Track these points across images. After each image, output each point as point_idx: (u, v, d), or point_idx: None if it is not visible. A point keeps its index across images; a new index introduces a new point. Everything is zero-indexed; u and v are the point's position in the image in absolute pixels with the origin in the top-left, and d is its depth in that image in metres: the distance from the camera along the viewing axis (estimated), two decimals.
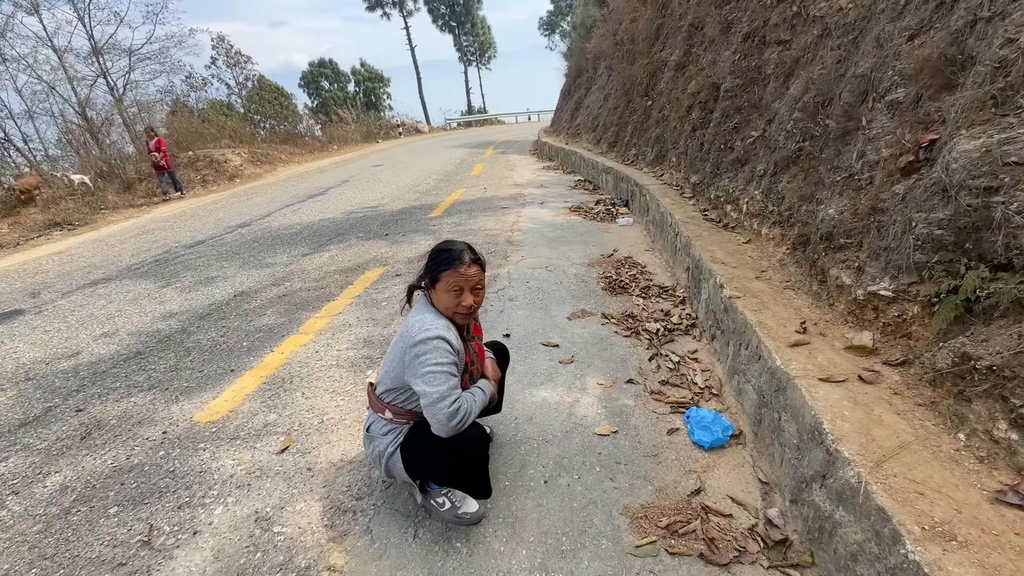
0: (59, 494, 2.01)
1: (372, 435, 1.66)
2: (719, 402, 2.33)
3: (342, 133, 25.04)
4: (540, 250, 4.72)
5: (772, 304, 2.34)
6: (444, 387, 1.45)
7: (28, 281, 5.71)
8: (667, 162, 5.78)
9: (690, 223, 3.77)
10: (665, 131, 6.08)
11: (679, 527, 1.67)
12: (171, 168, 12.07)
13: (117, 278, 5.29)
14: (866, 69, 2.46)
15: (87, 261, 6.34)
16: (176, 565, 1.62)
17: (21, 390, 2.95)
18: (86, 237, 8.38)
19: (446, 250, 1.59)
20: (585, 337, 2.98)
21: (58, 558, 1.69)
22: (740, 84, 4.11)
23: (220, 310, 3.91)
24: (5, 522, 1.89)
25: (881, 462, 1.35)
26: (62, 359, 3.33)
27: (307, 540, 1.66)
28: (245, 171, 15.40)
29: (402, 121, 29.99)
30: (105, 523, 1.83)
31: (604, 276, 3.92)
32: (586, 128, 11.34)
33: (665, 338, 2.91)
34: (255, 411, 2.46)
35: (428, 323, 1.52)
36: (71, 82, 22.79)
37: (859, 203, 2.18)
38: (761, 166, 3.35)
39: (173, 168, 12.25)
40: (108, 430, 2.43)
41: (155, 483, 2.02)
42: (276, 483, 1.95)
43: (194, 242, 6.65)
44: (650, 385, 2.48)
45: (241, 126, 23.29)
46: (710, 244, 3.26)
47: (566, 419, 2.24)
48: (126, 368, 3.08)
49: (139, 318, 3.94)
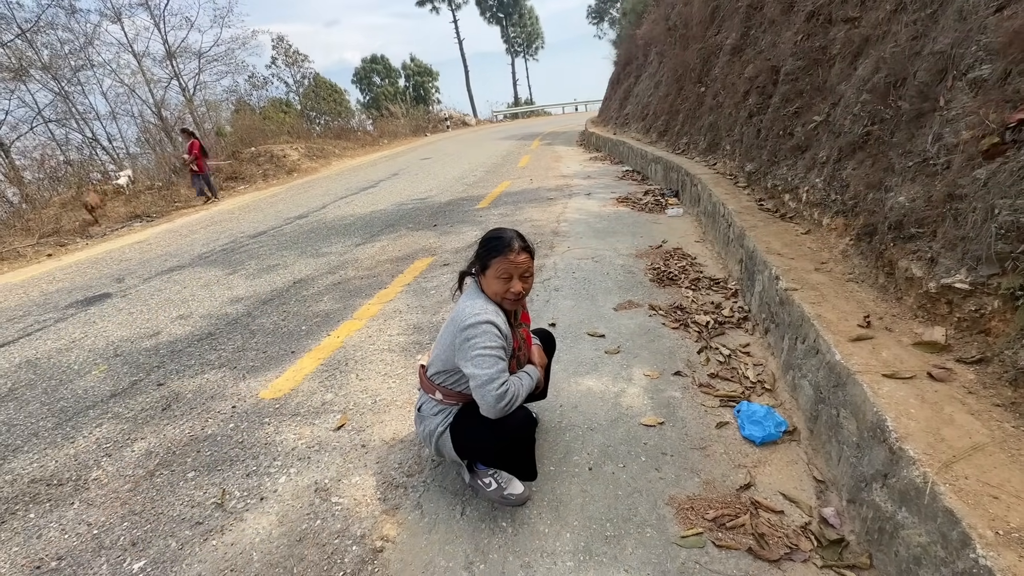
0: (145, 458, 2.23)
1: (423, 415, 1.73)
2: (772, 397, 2.25)
3: (392, 127, 25.71)
4: (587, 241, 4.69)
5: (832, 297, 2.23)
6: (493, 370, 1.50)
7: (114, 268, 6.26)
8: (720, 150, 5.57)
9: (744, 213, 3.64)
10: (719, 118, 5.86)
11: (727, 520, 1.64)
12: (204, 171, 11.67)
13: (190, 265, 5.71)
14: (945, 45, 2.28)
15: (163, 250, 6.87)
16: (246, 526, 1.76)
17: (111, 365, 3.26)
18: (162, 228, 9.07)
19: (496, 237, 1.63)
20: (632, 328, 2.95)
21: (145, 514, 1.88)
22: (802, 66, 3.90)
23: (281, 296, 4.15)
24: (101, 480, 2.12)
25: (951, 463, 1.28)
26: (144, 338, 3.65)
27: (362, 511, 1.76)
28: (302, 165, 16.13)
29: (450, 114, 30.37)
30: (184, 486, 2.01)
31: (652, 267, 3.86)
32: (635, 117, 11.08)
33: (715, 331, 2.84)
34: (314, 390, 2.61)
35: (478, 308, 1.57)
36: (148, 84, 24.59)
37: (934, 190, 2.04)
38: (824, 152, 3.18)
39: (207, 171, 11.87)
40: (185, 403, 2.66)
41: (226, 452, 2.19)
42: (333, 457, 2.07)
43: (257, 232, 7.05)
44: (699, 378, 2.43)
45: (298, 122, 24.39)
46: (765, 235, 3.13)
47: (611, 408, 2.24)
48: (200, 348, 3.34)
49: (210, 302, 4.24)
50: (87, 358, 3.42)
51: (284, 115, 26.84)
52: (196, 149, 11.26)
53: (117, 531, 1.82)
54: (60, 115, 22.99)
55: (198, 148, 11.32)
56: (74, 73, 22.72)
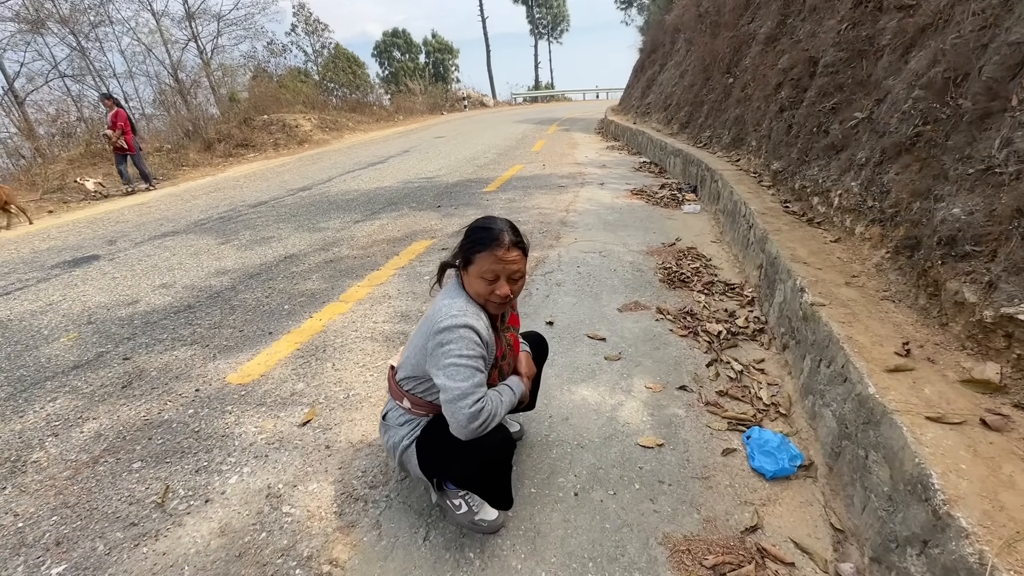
0: (92, 441, 2.04)
1: (388, 424, 1.52)
2: (787, 424, 2.01)
3: (409, 104, 25.28)
4: (595, 233, 4.42)
5: (865, 316, 1.97)
6: (467, 383, 1.27)
7: (109, 229, 6.09)
8: (745, 146, 5.24)
9: (768, 215, 3.35)
10: (746, 112, 5.51)
11: (728, 570, 1.42)
12: (134, 150, 8.97)
13: (184, 232, 5.52)
14: (1021, 36, 1.97)
15: (161, 214, 6.69)
16: (183, 533, 1.56)
17: (82, 333, 3.08)
18: (166, 191, 8.90)
19: (484, 228, 1.39)
20: (636, 333, 2.71)
21: (79, 508, 1.69)
22: (844, 58, 3.57)
23: (269, 271, 3.94)
24: (41, 464, 1.93)
25: (1014, 542, 1.04)
26: (122, 306, 3.46)
27: (314, 526, 1.56)
28: (314, 136, 15.86)
29: (468, 94, 29.83)
30: (127, 477, 1.82)
31: (663, 266, 3.59)
32: (657, 107, 10.67)
33: (727, 342, 2.59)
34: (285, 378, 2.41)
35: (456, 309, 1.33)
36: (166, 45, 24.29)
37: (998, 202, 1.76)
38: (863, 153, 2.88)
39: (138, 152, 9.09)
40: (147, 381, 2.47)
41: (179, 442, 2.00)
42: (293, 458, 1.87)
43: (257, 202, 6.84)
44: (706, 395, 2.20)
45: (315, 93, 24.02)
46: (790, 240, 2.86)
47: (606, 424, 2.01)
48: (175, 321, 3.15)
49: (196, 272, 4.05)
50: (59, 323, 3.25)
51: (302, 84, 26.44)
52: (123, 121, 8.82)
53: (44, 526, 1.63)
54: (77, 71, 22.82)
55: (125, 120, 8.87)
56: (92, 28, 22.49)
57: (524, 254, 1.40)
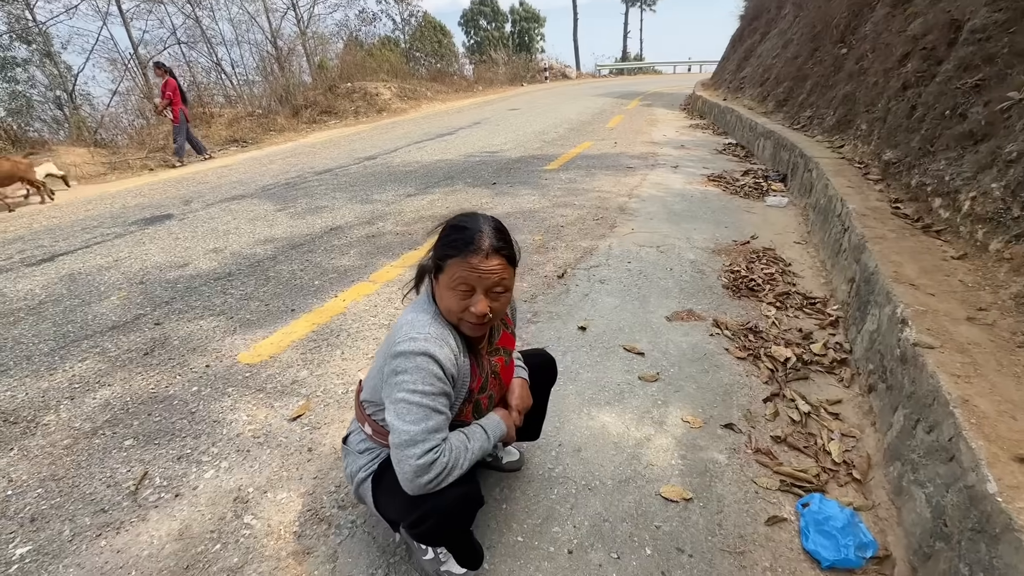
0: (99, 410, 2.04)
1: (348, 448, 1.31)
2: (860, 494, 1.57)
3: (489, 74, 24.94)
4: (657, 224, 3.95)
5: (992, 371, 1.47)
6: (417, 428, 1.01)
7: (190, 189, 6.45)
8: (852, 130, 4.43)
9: (870, 216, 2.74)
10: (858, 88, 4.65)
11: None
12: (177, 121, 8.61)
13: (251, 196, 5.70)
14: None
15: (238, 177, 6.99)
16: (143, 531, 1.47)
17: (131, 293, 3.20)
18: (250, 155, 9.35)
19: (458, 227, 1.10)
20: (683, 348, 2.32)
21: (63, 483, 1.67)
22: (1001, 21, 2.79)
23: (312, 242, 3.91)
24: (49, 428, 1.96)
25: None
26: (173, 268, 3.57)
27: (268, 547, 1.40)
28: (392, 105, 16.07)
29: (550, 65, 28.88)
30: (116, 455, 1.78)
31: (730, 269, 3.10)
32: (752, 82, 9.55)
33: (796, 373, 2.13)
34: (291, 362, 2.30)
35: (417, 330, 1.07)
36: (267, 13, 25.59)
37: None
38: (1014, 147, 2.21)
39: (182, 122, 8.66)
40: (167, 351, 2.47)
41: (173, 422, 1.94)
42: (272, 457, 1.73)
43: (324, 169, 6.95)
44: (757, 439, 1.79)
45: (400, 62, 24.33)
46: (896, 251, 2.29)
47: (625, 463, 1.69)
48: (212, 288, 3.17)
49: (247, 238, 4.11)
50: (116, 281, 3.40)
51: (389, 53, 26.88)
52: (172, 90, 8.47)
53: (28, 497, 1.62)
54: (191, 38, 24.74)
55: (174, 89, 8.50)
56: None
57: (510, 263, 1.10)
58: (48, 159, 7.69)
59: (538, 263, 3.30)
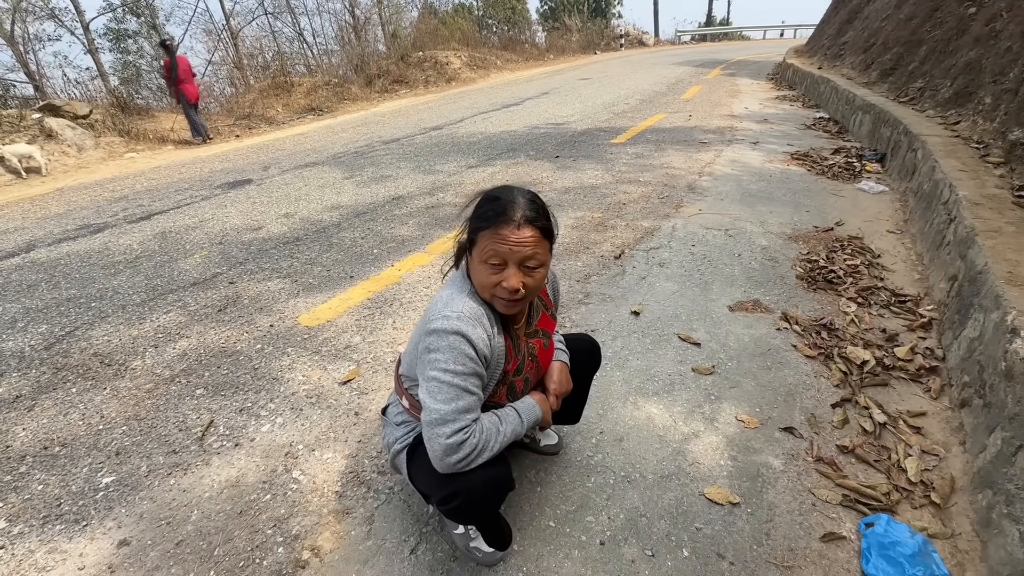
0: (178, 359, 2.24)
1: (387, 419, 1.33)
2: (938, 519, 1.41)
3: (562, 42, 24.13)
4: (728, 205, 3.68)
5: None
6: (448, 407, 1.00)
7: (269, 155, 6.82)
8: (973, 103, 3.85)
9: (984, 206, 2.39)
10: (986, 55, 4.01)
11: None
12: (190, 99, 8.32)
13: (323, 163, 5.94)
14: None
15: (312, 145, 7.29)
16: (206, 474, 1.61)
17: (211, 252, 3.45)
18: (324, 123, 9.72)
19: (492, 198, 1.05)
20: (744, 342, 2.16)
21: (143, 423, 1.85)
22: None
23: (375, 211, 4.01)
24: (135, 371, 2.17)
25: None
26: (249, 231, 3.81)
27: (312, 503, 1.48)
28: (462, 74, 16.03)
29: (626, 31, 27.43)
30: (188, 402, 1.95)
31: (807, 258, 2.83)
32: (854, 48, 8.54)
33: (874, 377, 1.92)
34: (346, 327, 2.39)
35: (452, 307, 1.05)
36: None
37: None
38: None
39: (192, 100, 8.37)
40: (238, 308, 2.65)
41: (238, 376, 2.09)
42: (323, 417, 1.82)
43: (392, 139, 7.09)
44: (820, 446, 1.64)
45: (472, 29, 24.10)
46: (1012, 248, 1.98)
47: (669, 458, 1.61)
48: (281, 251, 3.35)
49: (316, 204, 4.30)
50: (200, 241, 3.68)
51: (462, 21, 26.67)
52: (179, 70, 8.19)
53: (115, 433, 1.81)
54: (277, 9, 25.81)
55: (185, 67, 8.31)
56: None
57: (545, 237, 1.04)
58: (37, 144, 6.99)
59: (595, 242, 3.19)
